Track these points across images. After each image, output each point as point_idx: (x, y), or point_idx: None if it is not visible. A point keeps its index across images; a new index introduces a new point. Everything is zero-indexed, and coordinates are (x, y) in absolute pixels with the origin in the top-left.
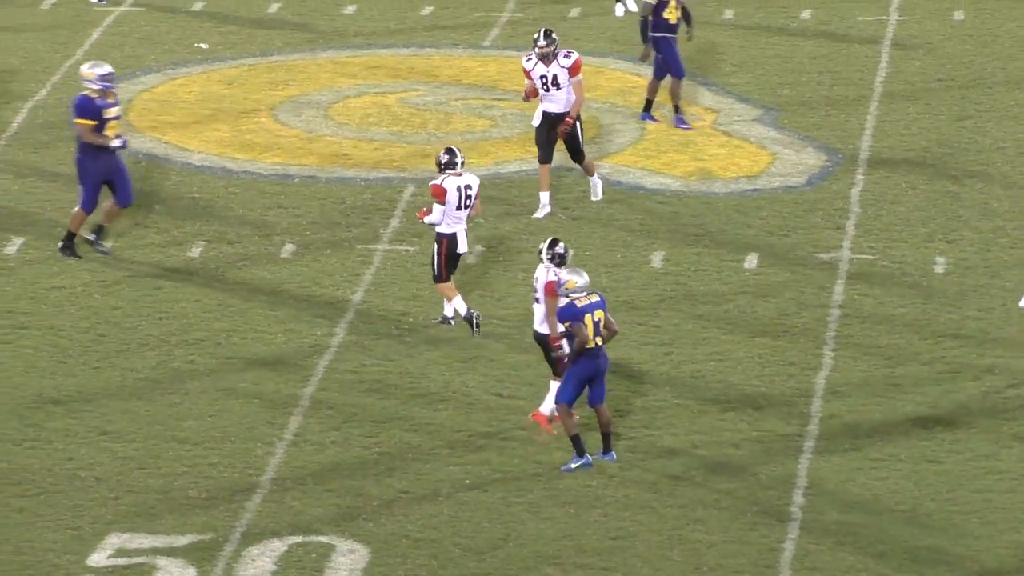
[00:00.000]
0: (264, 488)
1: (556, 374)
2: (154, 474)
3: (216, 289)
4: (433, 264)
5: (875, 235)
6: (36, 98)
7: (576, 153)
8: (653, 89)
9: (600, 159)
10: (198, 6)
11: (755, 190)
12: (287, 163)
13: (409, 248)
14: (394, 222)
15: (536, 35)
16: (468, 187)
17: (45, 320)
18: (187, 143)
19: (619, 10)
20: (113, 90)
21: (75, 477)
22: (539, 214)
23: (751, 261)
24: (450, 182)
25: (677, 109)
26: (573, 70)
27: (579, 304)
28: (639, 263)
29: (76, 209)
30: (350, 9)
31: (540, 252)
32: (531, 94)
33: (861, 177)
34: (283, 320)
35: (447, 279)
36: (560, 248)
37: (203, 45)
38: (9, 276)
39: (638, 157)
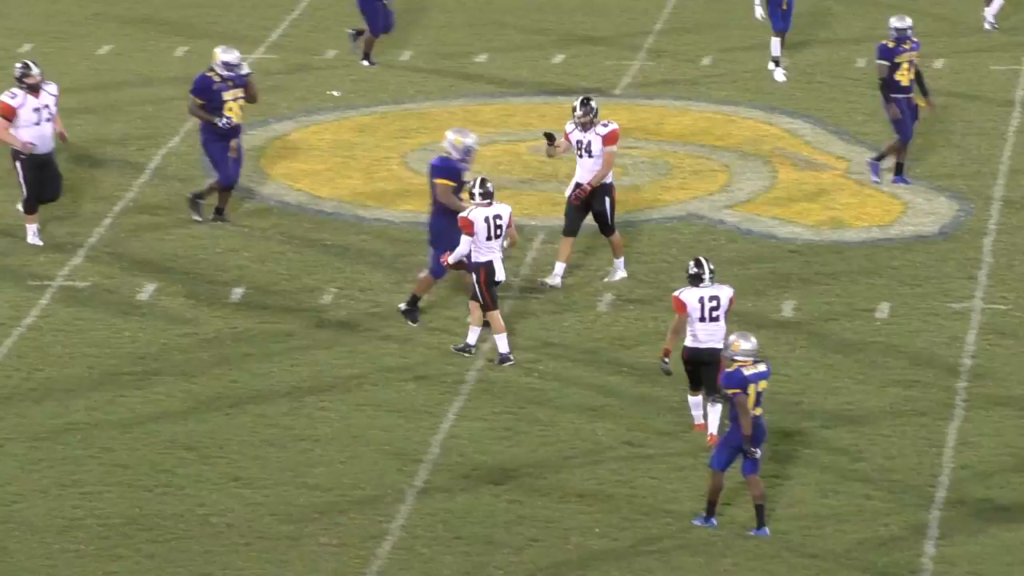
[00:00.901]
0: (394, 535)
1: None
2: (285, 520)
3: (347, 336)
4: (478, 295)
5: (1008, 285)
6: (169, 145)
7: (606, 227)
8: (900, 152)
9: (731, 207)
10: (331, 53)
11: (887, 239)
12: (418, 211)
13: (539, 296)
14: (524, 270)
15: (575, 103)
16: (498, 217)
17: (177, 366)
18: (319, 190)
19: (779, 76)
20: (471, 160)
21: (206, 523)
22: (552, 281)
23: (883, 311)
24: (477, 213)
25: (900, 168)
26: (608, 140)
27: (746, 372)
28: (770, 312)
29: (424, 274)
30: (482, 57)
31: (700, 272)
32: (556, 148)
33: (994, 227)
34: (413, 367)
35: (495, 307)
36: (712, 265)
37: (336, 93)
38: (142, 321)
39: (769, 206)
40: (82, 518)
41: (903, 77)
